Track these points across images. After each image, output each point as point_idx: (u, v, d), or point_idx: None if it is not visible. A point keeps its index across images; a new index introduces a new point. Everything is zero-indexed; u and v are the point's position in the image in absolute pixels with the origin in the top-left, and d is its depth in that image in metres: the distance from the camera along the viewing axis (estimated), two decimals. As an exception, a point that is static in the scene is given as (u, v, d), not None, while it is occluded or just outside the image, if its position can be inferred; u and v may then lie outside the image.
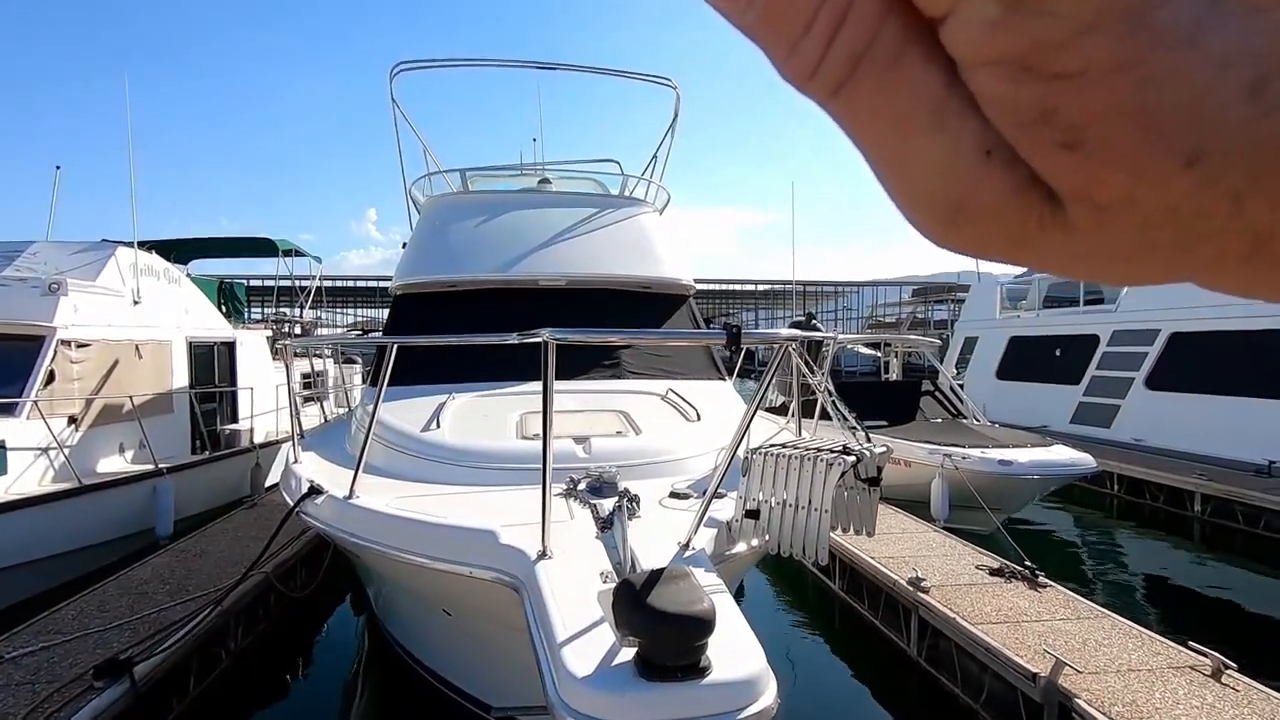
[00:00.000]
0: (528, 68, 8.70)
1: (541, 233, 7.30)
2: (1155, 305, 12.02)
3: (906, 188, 0.23)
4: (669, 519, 3.22)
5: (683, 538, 2.83)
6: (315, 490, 4.00)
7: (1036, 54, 0.19)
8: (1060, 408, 13.41)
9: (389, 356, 3.63)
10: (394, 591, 4.73)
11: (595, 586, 2.50)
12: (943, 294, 44.26)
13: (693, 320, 7.41)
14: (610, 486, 3.48)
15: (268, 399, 11.17)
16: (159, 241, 11.37)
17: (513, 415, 4.97)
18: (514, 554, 2.80)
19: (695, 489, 3.71)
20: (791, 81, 0.22)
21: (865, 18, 0.21)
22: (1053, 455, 8.08)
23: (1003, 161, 0.21)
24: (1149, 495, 10.15)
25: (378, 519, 3.45)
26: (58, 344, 7.38)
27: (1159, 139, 0.18)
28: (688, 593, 1.98)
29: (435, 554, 3.09)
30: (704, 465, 4.26)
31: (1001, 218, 0.22)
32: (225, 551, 6.55)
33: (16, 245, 8.59)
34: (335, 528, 3.76)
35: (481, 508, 3.57)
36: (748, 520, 2.86)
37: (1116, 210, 0.20)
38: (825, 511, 2.60)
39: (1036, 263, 0.23)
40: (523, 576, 2.68)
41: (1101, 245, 0.21)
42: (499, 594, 2.89)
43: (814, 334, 7.07)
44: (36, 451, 6.99)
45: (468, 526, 3.06)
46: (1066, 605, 5.06)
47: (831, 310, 51.58)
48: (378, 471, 4.38)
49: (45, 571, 6.61)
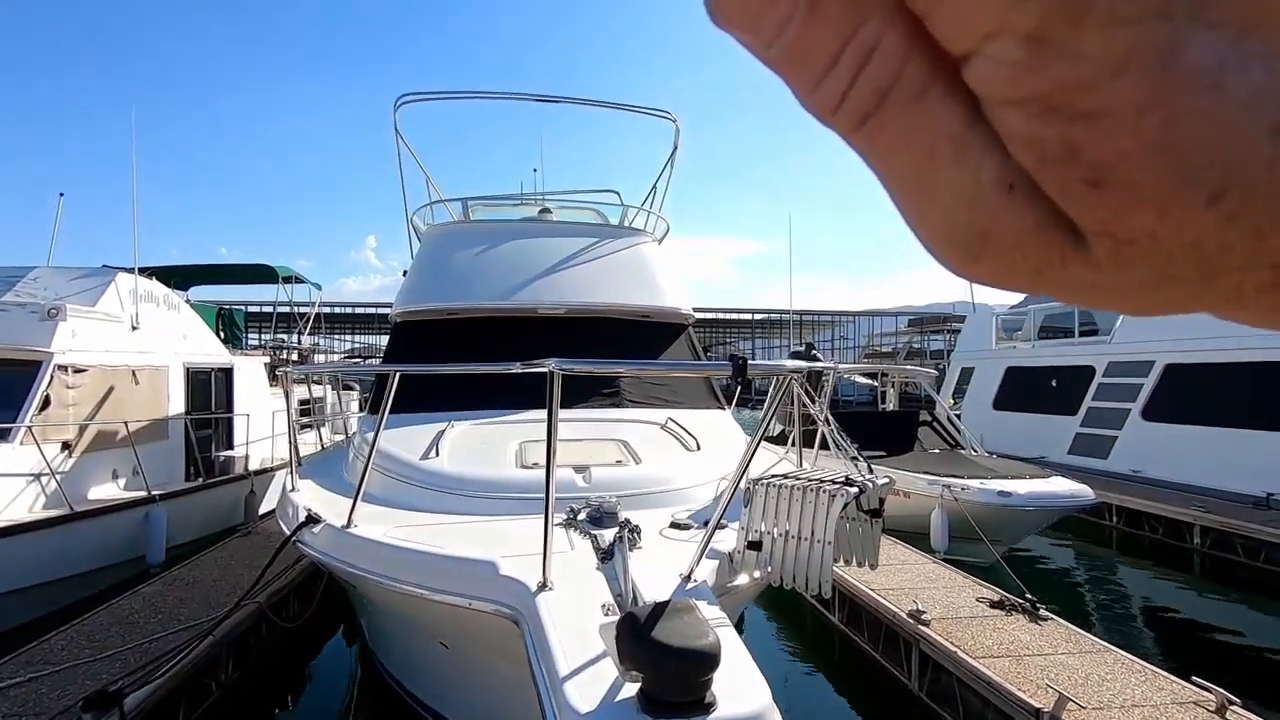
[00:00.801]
0: (530, 101, 8.85)
1: (541, 262, 7.35)
2: (1150, 337, 12.10)
3: (928, 220, 0.23)
4: (670, 550, 3.19)
5: (684, 569, 2.80)
6: (312, 519, 3.96)
7: (1061, 94, 0.19)
8: (1058, 438, 13.42)
9: (391, 384, 3.61)
10: (388, 623, 4.66)
11: (597, 619, 2.47)
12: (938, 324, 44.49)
13: (692, 349, 7.43)
14: (611, 516, 3.45)
15: (264, 425, 11.11)
16: (160, 268, 11.42)
17: (511, 444, 4.93)
18: (514, 586, 2.76)
19: (696, 519, 3.69)
20: (815, 114, 0.22)
21: (890, 54, 0.21)
22: (1051, 486, 8.07)
23: (1025, 196, 0.21)
24: (1148, 527, 10.12)
25: (376, 549, 3.41)
26: (54, 369, 7.36)
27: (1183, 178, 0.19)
28: (692, 626, 1.96)
29: (434, 585, 3.05)
30: (704, 495, 4.24)
31: (1023, 251, 0.22)
32: (218, 580, 6.47)
33: (17, 270, 8.62)
34: (332, 557, 3.72)
35: (481, 538, 3.52)
36: (750, 552, 2.84)
37: (1139, 246, 0.20)
38: (828, 543, 2.58)
39: (1058, 294, 0.23)
40: (523, 609, 2.64)
41: (1123, 279, 0.21)
42: (499, 626, 2.85)
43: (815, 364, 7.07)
44: (29, 478, 6.93)
45: (468, 557, 3.02)
46: (1069, 639, 5.01)
47: (828, 339, 51.73)
48: (375, 500, 4.34)
49: (33, 600, 6.51)
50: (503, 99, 9.07)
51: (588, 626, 2.41)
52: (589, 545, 3.17)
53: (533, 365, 2.80)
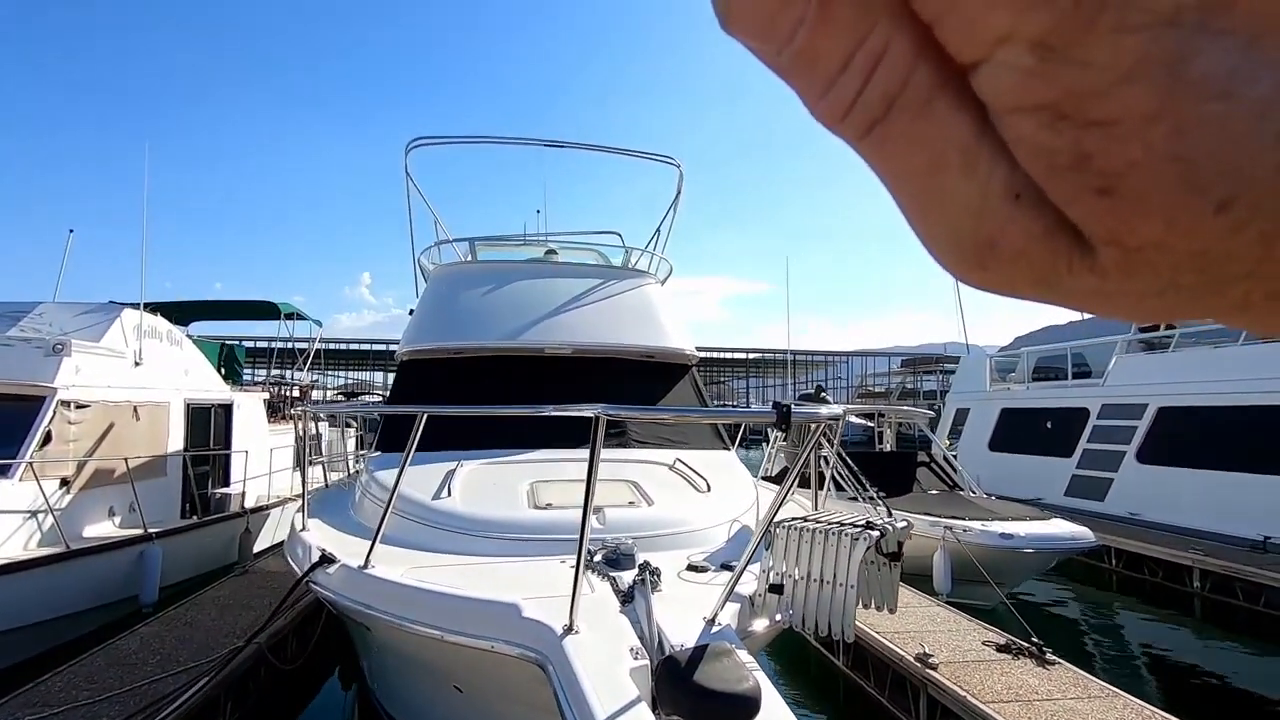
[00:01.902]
0: (536, 145, 9.07)
1: (547, 302, 7.44)
2: (1142, 379, 12.26)
3: (935, 228, 0.23)
4: (689, 593, 3.17)
5: (707, 612, 2.77)
6: (326, 559, 3.92)
7: (1071, 102, 0.19)
8: (1054, 480, 13.46)
9: (418, 425, 3.57)
10: (397, 665, 4.57)
11: (627, 663, 2.45)
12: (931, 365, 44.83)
13: (696, 390, 7.50)
14: (628, 558, 3.45)
15: (261, 462, 11.04)
16: (164, 303, 11.47)
17: (523, 484, 4.92)
18: (539, 629, 2.71)
19: (712, 561, 3.69)
20: (823, 121, 0.22)
21: (899, 62, 0.21)
22: (1052, 529, 8.09)
23: (1032, 205, 0.21)
24: (1148, 570, 10.11)
25: (395, 590, 3.37)
26: (57, 405, 7.34)
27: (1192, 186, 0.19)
28: (733, 670, 1.98)
29: (456, 627, 3.00)
30: (718, 536, 4.25)
31: (1030, 260, 0.22)
32: (215, 621, 6.36)
33: (23, 306, 8.65)
34: (349, 598, 3.66)
35: (498, 580, 3.50)
36: (771, 595, 2.84)
37: (1147, 254, 0.20)
38: (851, 587, 2.60)
39: (1064, 301, 0.24)
40: (549, 652, 2.60)
41: (1130, 287, 0.22)
42: (521, 670, 2.80)
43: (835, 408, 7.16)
44: (25, 515, 6.86)
45: (491, 599, 2.98)
46: (1076, 683, 4.99)
47: (821, 379, 51.96)
48: (389, 540, 4.28)
49: (27, 640, 6.38)
50: (510, 144, 9.29)
51: (618, 671, 2.39)
52: (608, 588, 3.16)
53: (575, 409, 2.83)
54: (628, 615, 2.83)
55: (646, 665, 2.44)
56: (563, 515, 4.30)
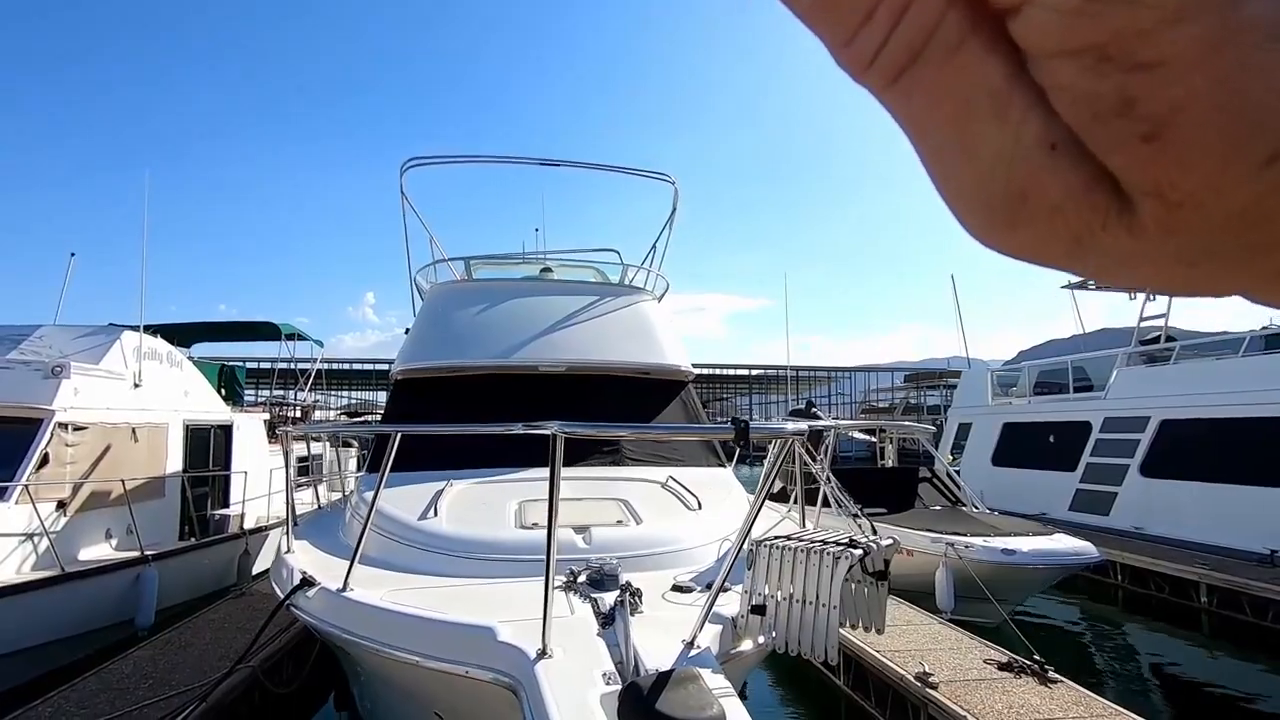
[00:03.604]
0: (532, 164, 9.13)
1: (543, 320, 7.45)
2: (1144, 392, 12.20)
3: (962, 183, 0.22)
4: (672, 615, 3.12)
5: (687, 635, 2.72)
6: (307, 582, 3.84)
7: (1118, 44, 0.18)
8: (1058, 495, 13.35)
9: (392, 445, 3.53)
10: (383, 690, 4.50)
11: (598, 689, 2.40)
12: (934, 379, 44.71)
13: (691, 407, 7.47)
14: (611, 579, 3.39)
15: (261, 483, 11.02)
16: (165, 325, 11.52)
17: (511, 504, 4.87)
18: (512, 653, 2.67)
19: (698, 582, 3.64)
20: (847, 70, 0.22)
21: (928, 7, 0.20)
22: (1056, 544, 8.00)
23: (1069, 156, 0.20)
24: (1154, 586, 9.99)
25: (371, 614, 3.31)
26: (54, 427, 7.35)
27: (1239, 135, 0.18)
28: (697, 697, 1.94)
29: (430, 652, 2.95)
30: (707, 556, 4.20)
31: (1064, 216, 0.21)
32: (210, 644, 6.31)
33: (23, 329, 8.69)
34: (326, 622, 3.61)
35: (480, 601, 3.44)
36: (753, 616, 2.79)
37: (1187, 211, 0.19)
38: (834, 607, 2.55)
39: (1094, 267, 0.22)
40: (521, 677, 2.56)
41: (1164, 249, 0.21)
42: (497, 695, 2.75)
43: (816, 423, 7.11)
44: (21, 537, 6.85)
45: (465, 623, 2.93)
46: (1079, 702, 4.91)
47: (824, 395, 51.84)
48: (372, 562, 4.22)
49: (19, 665, 6.33)
50: (506, 163, 9.37)
51: (588, 697, 2.35)
52: (589, 610, 3.09)
53: (535, 427, 2.80)
54: (606, 638, 2.77)
55: (616, 691, 2.39)
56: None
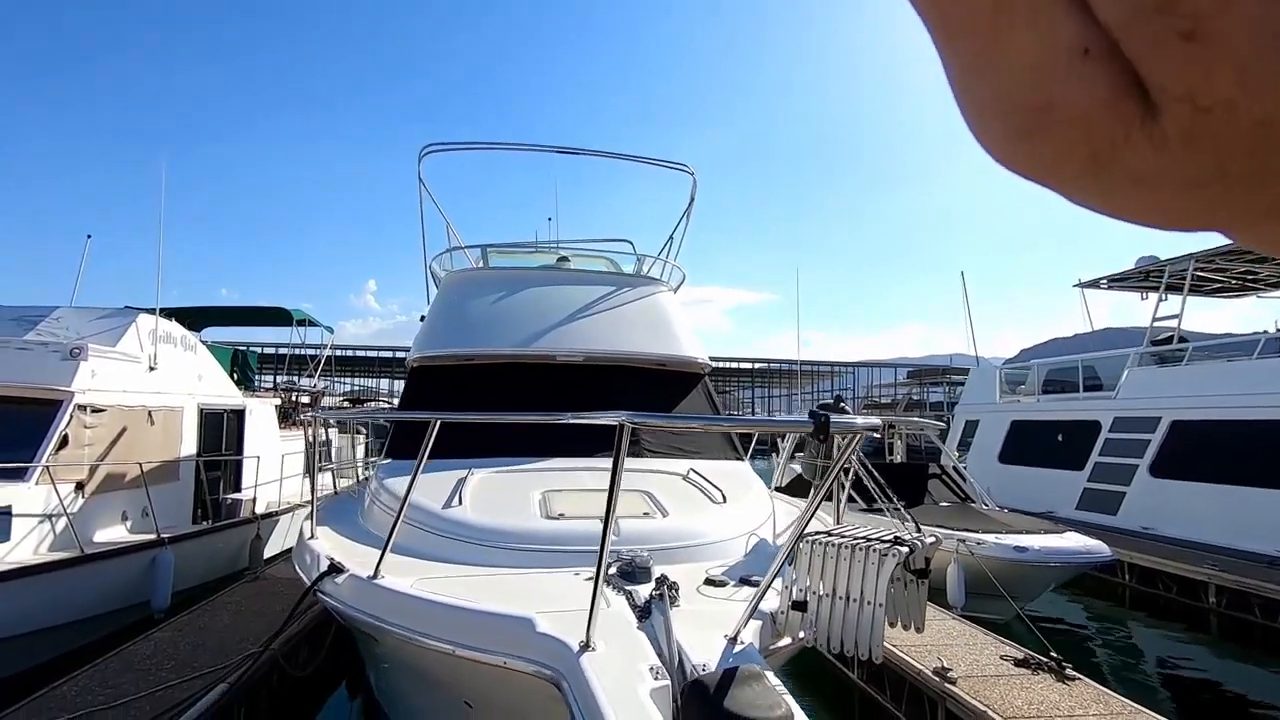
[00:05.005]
0: (550, 152, 9.09)
1: (559, 309, 7.43)
2: (1155, 393, 12.19)
3: (985, 88, 0.22)
4: (708, 608, 3.09)
5: (728, 630, 2.69)
6: (335, 568, 3.83)
7: None
8: (1065, 493, 13.36)
9: (431, 430, 3.46)
10: (404, 678, 4.45)
11: (647, 683, 2.36)
12: (937, 376, 44.69)
13: (708, 398, 7.47)
14: (644, 571, 3.37)
15: (272, 468, 11.05)
16: (178, 309, 11.52)
17: (534, 494, 4.85)
18: (554, 645, 2.62)
19: (731, 575, 3.63)
20: None
21: None
22: (1068, 542, 8.02)
23: (1101, 61, 0.20)
24: (1162, 585, 10.01)
25: (405, 601, 3.27)
26: (74, 409, 7.37)
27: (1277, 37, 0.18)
28: (764, 696, 1.91)
29: (467, 641, 2.90)
30: (735, 550, 4.20)
31: (1087, 127, 0.21)
32: (228, 627, 6.35)
33: (40, 310, 8.70)
34: (356, 609, 3.57)
35: (510, 592, 3.40)
36: (794, 612, 2.77)
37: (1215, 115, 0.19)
38: (880, 605, 2.53)
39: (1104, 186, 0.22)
40: (565, 670, 2.51)
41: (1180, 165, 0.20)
42: (535, 688, 2.71)
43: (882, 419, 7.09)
44: (40, 518, 6.87)
45: (503, 613, 2.88)
46: (1098, 700, 4.93)
47: (827, 390, 51.87)
48: (397, 549, 4.21)
49: (39, 645, 6.37)
50: (523, 150, 9.31)
51: (638, 692, 2.30)
52: (624, 602, 3.07)
53: (599, 416, 2.76)
54: (645, 631, 2.74)
55: (667, 686, 2.35)
56: (576, 526, 4.26)
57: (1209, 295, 16.47)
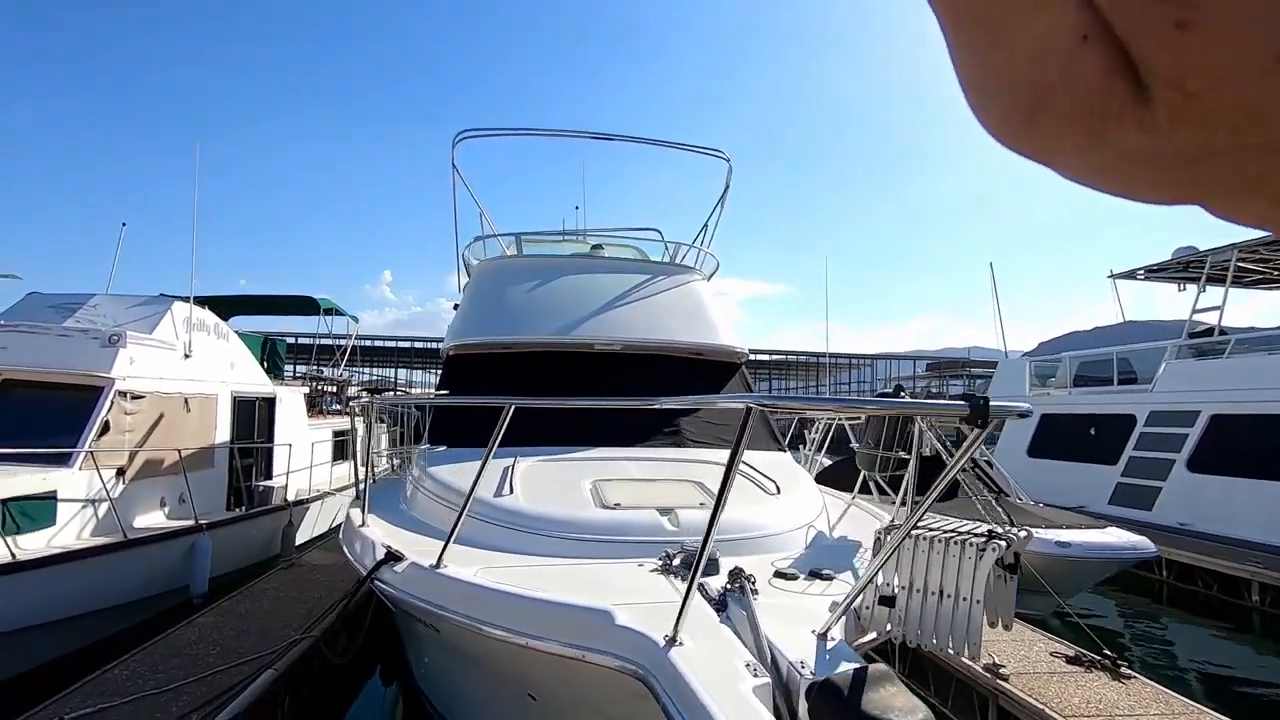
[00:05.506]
0: (584, 138, 9.01)
1: (596, 297, 7.38)
2: (1194, 386, 11.94)
3: (991, 71, 0.22)
4: (785, 602, 3.02)
5: (813, 625, 2.60)
6: (394, 557, 3.79)
7: None
8: (1097, 488, 13.15)
9: (505, 416, 3.40)
10: (459, 668, 4.39)
11: (746, 680, 2.27)
12: (957, 369, 44.31)
13: (746, 388, 7.39)
14: (712, 563, 3.29)
15: (302, 456, 11.11)
16: (208, 297, 11.58)
17: (584, 482, 4.80)
18: (637, 639, 2.52)
19: (798, 568, 3.57)
20: None
21: None
22: (1110, 538, 7.87)
23: (1098, 45, 0.21)
24: (1201, 582, 9.84)
25: (473, 591, 3.19)
26: (115, 395, 7.42)
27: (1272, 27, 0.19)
28: (900, 698, 1.84)
29: (542, 633, 2.81)
30: (796, 541, 4.13)
31: (1085, 107, 0.22)
32: (269, 613, 6.38)
33: (78, 297, 8.76)
34: (420, 599, 3.48)
35: (578, 583, 3.32)
36: (880, 607, 2.69)
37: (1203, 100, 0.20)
38: (978, 602, 2.46)
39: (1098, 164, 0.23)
40: (653, 666, 2.40)
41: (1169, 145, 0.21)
42: (607, 681, 2.63)
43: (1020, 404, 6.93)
44: (83, 503, 6.93)
45: (581, 605, 2.78)
46: (1157, 699, 4.82)
47: (845, 382, 51.59)
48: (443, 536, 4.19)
49: (85, 628, 6.44)
50: (559, 136, 9.24)
51: (740, 689, 2.21)
52: (698, 595, 3.01)
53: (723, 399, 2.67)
54: (726, 625, 2.66)
55: (767, 684, 2.27)
56: (634, 516, 4.20)
57: (1247, 287, 16.13)
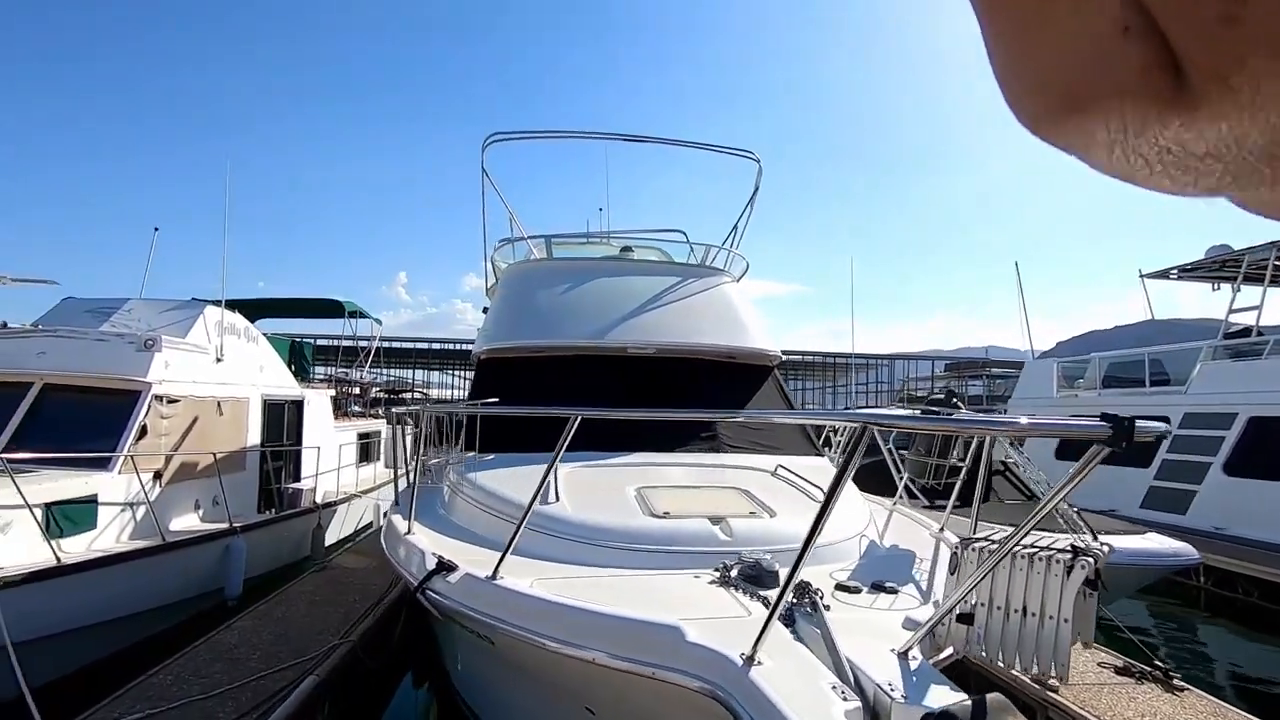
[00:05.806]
0: (614, 140, 8.98)
1: (628, 301, 7.33)
2: (1230, 388, 11.71)
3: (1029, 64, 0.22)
4: (855, 617, 2.93)
5: (891, 642, 2.51)
6: (446, 567, 3.71)
7: None
8: (1129, 491, 12.91)
9: (571, 425, 3.30)
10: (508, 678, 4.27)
11: (837, 704, 2.17)
12: (976, 369, 43.83)
13: (780, 391, 7.32)
14: (771, 575, 3.21)
15: (330, 458, 11.17)
16: (237, 301, 11.68)
17: (629, 489, 4.73)
18: (711, 656, 2.43)
19: (859, 580, 3.49)
20: None
21: None
22: (1152, 544, 7.71)
23: (1139, 39, 0.20)
24: (1241, 589, 9.63)
25: (533, 604, 3.09)
26: (152, 399, 7.48)
27: None
28: None
29: (607, 649, 2.73)
30: (850, 551, 4.06)
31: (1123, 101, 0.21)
32: (305, 617, 6.39)
33: (113, 302, 8.85)
34: (479, 612, 3.38)
35: (637, 596, 3.23)
36: (958, 625, 2.61)
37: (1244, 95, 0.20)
38: (1065, 621, 2.37)
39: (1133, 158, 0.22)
40: (730, 686, 2.31)
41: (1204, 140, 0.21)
42: (676, 698, 2.54)
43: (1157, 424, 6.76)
44: (122, 506, 6.99)
45: (649, 620, 2.68)
46: (1216, 714, 4.70)
47: (863, 382, 51.25)
48: (489, 544, 4.08)
49: (125, 630, 6.49)
50: (587, 138, 9.21)
51: (832, 713, 2.12)
52: (761, 608, 2.90)
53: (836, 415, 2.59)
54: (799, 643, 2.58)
55: (859, 708, 2.18)
56: (685, 525, 4.13)
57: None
